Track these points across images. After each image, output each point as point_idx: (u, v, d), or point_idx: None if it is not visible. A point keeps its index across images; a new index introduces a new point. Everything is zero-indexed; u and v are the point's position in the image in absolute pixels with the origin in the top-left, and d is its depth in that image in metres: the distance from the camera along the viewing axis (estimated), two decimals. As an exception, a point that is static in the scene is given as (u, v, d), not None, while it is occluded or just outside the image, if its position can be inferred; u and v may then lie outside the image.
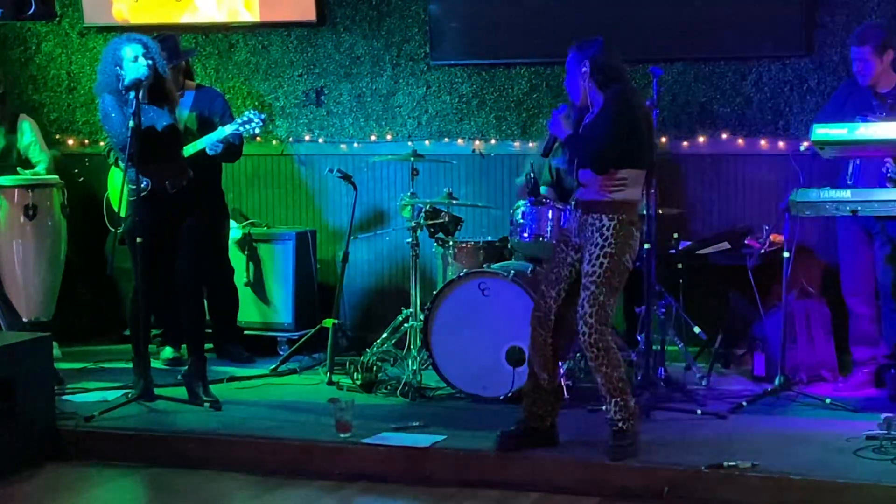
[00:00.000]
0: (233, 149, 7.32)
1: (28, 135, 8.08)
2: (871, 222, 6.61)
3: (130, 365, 6.90)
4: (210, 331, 7.90)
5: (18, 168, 7.95)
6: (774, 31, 7.47)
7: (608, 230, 5.46)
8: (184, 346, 7.55)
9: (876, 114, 6.47)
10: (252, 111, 7.15)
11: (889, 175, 6.37)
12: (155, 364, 7.14)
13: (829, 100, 7.05)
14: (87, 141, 8.80)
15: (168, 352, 7.69)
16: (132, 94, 6.27)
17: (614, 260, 5.45)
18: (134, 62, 6.40)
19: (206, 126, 7.35)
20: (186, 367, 6.74)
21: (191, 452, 5.98)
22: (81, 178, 8.43)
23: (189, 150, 7.03)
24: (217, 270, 7.63)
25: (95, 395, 6.81)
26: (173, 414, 6.38)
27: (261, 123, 7.13)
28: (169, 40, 7.30)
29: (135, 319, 6.69)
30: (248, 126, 7.11)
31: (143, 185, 6.49)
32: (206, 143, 7.13)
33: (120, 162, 6.66)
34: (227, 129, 7.11)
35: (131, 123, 6.25)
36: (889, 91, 6.62)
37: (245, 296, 7.99)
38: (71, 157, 8.53)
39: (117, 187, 6.55)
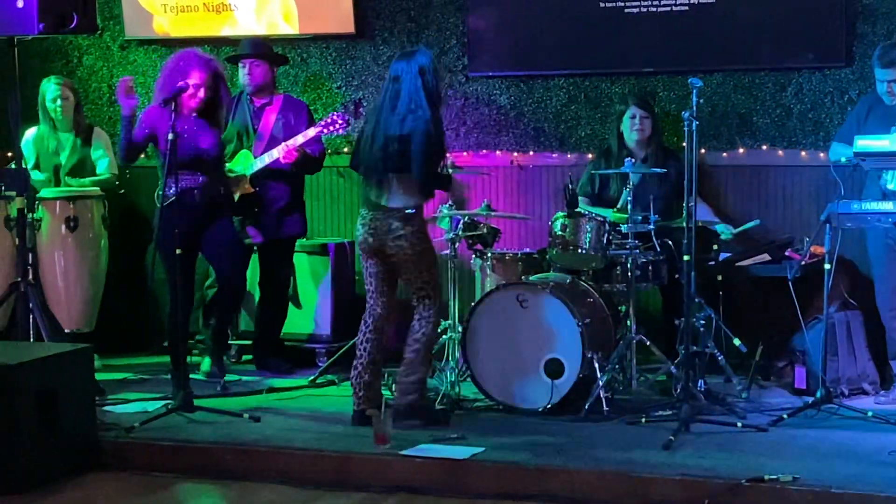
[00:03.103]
0: (310, 161, 7.44)
1: (100, 147, 8.16)
2: None
3: (170, 376, 6.94)
4: (250, 341, 7.98)
5: (68, 178, 8.02)
6: (814, 41, 7.44)
7: None
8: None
9: None
10: (337, 113, 7.24)
11: None
12: (195, 376, 7.17)
13: (848, 116, 7.02)
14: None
15: (207, 363, 7.73)
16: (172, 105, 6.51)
17: None
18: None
19: (292, 134, 7.46)
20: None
21: (230, 463, 6.00)
22: (122, 191, 8.48)
23: (257, 162, 7.22)
24: (275, 281, 7.74)
25: (136, 405, 6.85)
26: (213, 425, 6.40)
27: (345, 125, 7.24)
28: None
29: (173, 330, 6.75)
30: (331, 129, 7.21)
31: (169, 193, 6.61)
32: (277, 153, 7.30)
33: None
34: (309, 133, 7.26)
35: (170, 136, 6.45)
36: None
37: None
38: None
39: None
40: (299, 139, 7.39)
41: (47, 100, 8.05)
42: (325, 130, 7.30)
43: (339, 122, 7.23)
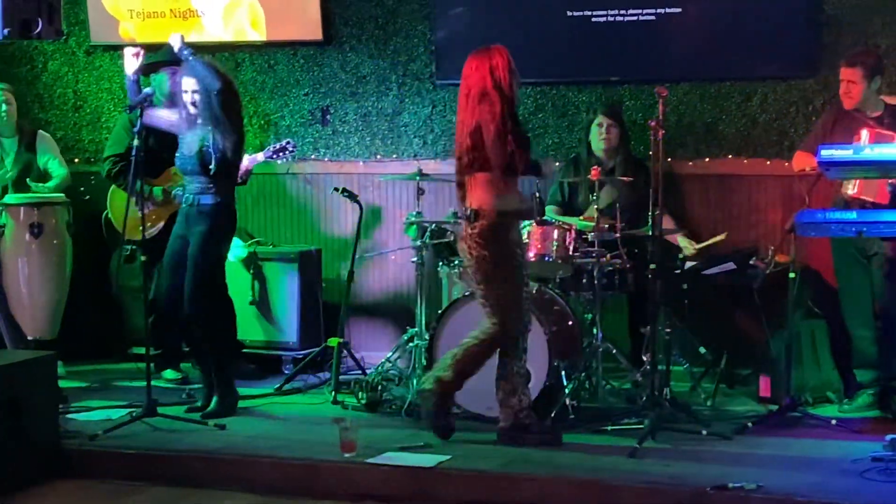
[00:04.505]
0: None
1: (46, 151, 8.11)
2: (869, 243, 6.61)
3: (134, 384, 6.90)
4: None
5: (32, 183, 7.96)
6: (780, 52, 7.49)
7: None
8: (183, 364, 7.59)
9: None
10: (290, 141, 7.20)
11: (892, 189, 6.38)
12: (157, 383, 7.12)
13: (813, 127, 7.07)
14: (92, 159, 8.80)
15: (169, 373, 7.69)
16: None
17: None
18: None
19: None
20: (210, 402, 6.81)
21: (195, 471, 5.97)
22: (87, 197, 8.44)
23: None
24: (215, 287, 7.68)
25: (100, 413, 6.81)
26: (178, 433, 6.38)
27: (293, 152, 7.19)
28: None
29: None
30: (279, 155, 7.16)
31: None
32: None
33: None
34: (258, 157, 7.20)
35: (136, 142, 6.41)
36: (878, 116, 6.63)
37: (250, 315, 7.99)
38: (76, 176, 8.52)
39: (119, 206, 6.62)
40: (245, 162, 7.29)
41: None
42: (275, 156, 7.24)
43: (290, 149, 7.17)
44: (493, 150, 5.90)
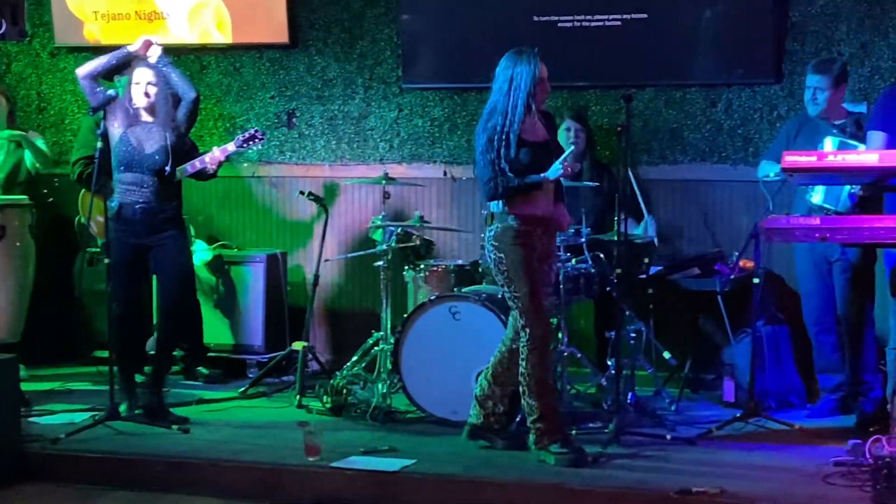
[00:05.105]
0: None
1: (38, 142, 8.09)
2: (831, 249, 6.65)
3: (98, 387, 6.86)
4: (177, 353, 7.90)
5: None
6: (745, 58, 7.53)
7: None
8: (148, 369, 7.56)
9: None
10: (258, 130, 7.09)
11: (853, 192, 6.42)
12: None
13: (778, 133, 7.11)
14: (56, 161, 8.74)
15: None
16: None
17: None
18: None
19: None
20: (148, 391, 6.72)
21: (158, 476, 5.93)
22: (51, 199, 8.38)
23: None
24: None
25: (62, 417, 6.76)
26: (141, 437, 6.34)
27: (262, 140, 7.10)
28: None
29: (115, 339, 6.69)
30: (249, 144, 7.08)
31: (112, 205, 6.53)
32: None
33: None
34: (229, 147, 7.09)
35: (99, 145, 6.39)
36: (842, 123, 6.67)
37: (215, 318, 7.97)
38: (40, 178, 8.47)
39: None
40: (217, 153, 7.18)
41: None
42: (245, 146, 7.19)
43: (259, 137, 7.13)
44: (478, 169, 5.89)
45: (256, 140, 6.98)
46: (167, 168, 6.51)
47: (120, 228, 6.60)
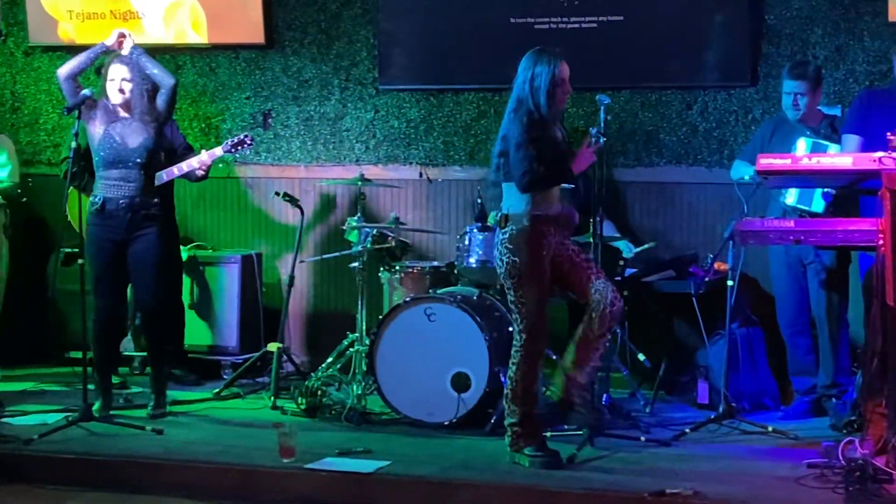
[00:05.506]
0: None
1: (3, 153, 7.99)
2: (805, 252, 6.68)
3: (70, 388, 6.83)
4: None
5: None
6: (720, 61, 7.55)
7: None
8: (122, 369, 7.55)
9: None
10: (248, 135, 7.07)
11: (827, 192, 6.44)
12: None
13: (753, 135, 7.14)
14: (30, 161, 8.71)
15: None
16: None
17: None
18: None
19: None
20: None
21: (132, 477, 5.91)
22: (24, 199, 8.34)
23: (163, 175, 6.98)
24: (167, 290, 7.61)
25: (35, 417, 6.72)
26: (115, 438, 6.31)
27: (251, 145, 7.08)
28: None
29: (96, 339, 6.70)
30: (237, 148, 7.06)
31: (95, 200, 6.54)
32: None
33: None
34: (216, 151, 7.06)
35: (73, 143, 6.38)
36: (816, 127, 6.70)
37: (190, 319, 7.94)
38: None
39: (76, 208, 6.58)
40: (205, 157, 7.15)
41: None
42: (233, 150, 7.19)
43: (248, 142, 7.11)
44: (513, 163, 5.76)
45: (245, 145, 7.00)
46: (155, 158, 6.54)
47: (100, 224, 6.61)
